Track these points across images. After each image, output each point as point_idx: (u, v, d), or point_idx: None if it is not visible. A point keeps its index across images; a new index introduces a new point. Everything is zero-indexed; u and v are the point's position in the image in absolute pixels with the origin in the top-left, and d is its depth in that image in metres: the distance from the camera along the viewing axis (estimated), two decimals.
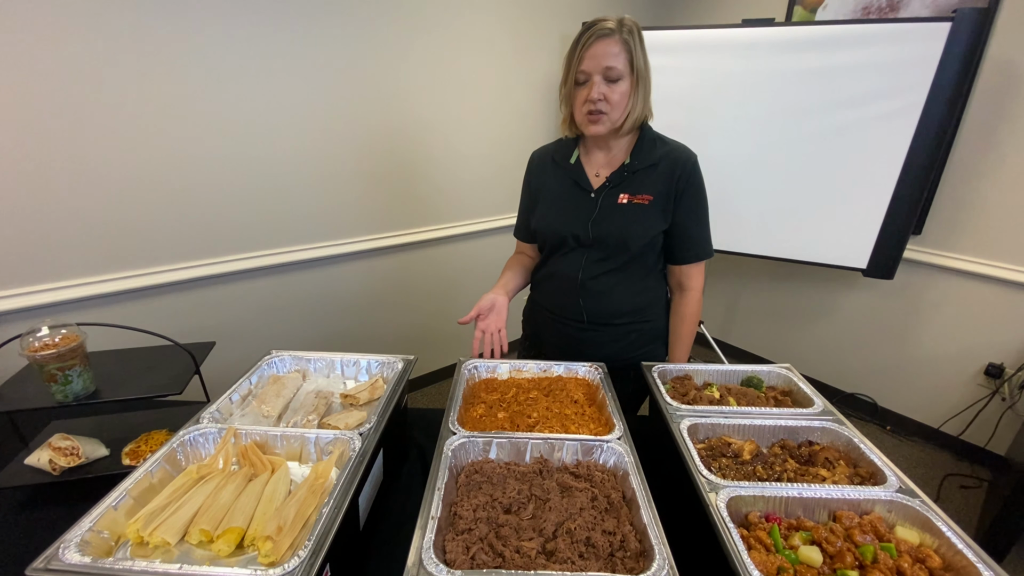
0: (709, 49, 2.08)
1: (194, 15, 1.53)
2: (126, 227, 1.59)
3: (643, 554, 0.63)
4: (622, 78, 0.98)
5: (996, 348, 2.05)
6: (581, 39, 0.97)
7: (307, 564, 0.56)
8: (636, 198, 1.07)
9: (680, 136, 1.13)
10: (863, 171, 1.98)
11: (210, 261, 1.78)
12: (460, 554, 0.61)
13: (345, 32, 1.84)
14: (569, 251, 1.14)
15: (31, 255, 1.47)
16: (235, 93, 1.67)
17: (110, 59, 1.44)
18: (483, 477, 0.76)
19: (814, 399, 0.96)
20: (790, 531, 0.68)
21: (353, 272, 2.17)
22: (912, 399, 2.35)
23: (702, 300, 1.19)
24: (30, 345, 0.88)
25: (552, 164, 1.17)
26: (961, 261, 2.07)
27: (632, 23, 0.98)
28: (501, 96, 2.39)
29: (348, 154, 1.99)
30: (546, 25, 2.42)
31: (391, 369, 1.04)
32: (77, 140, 1.45)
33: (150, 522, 0.63)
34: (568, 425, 0.89)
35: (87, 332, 0.95)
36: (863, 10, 2.18)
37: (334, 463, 0.77)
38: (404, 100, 2.07)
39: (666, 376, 1.05)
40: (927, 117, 1.81)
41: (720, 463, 0.81)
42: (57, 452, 0.87)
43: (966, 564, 0.61)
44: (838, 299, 2.49)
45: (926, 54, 1.76)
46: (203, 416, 0.84)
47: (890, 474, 0.75)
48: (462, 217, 2.47)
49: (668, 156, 1.07)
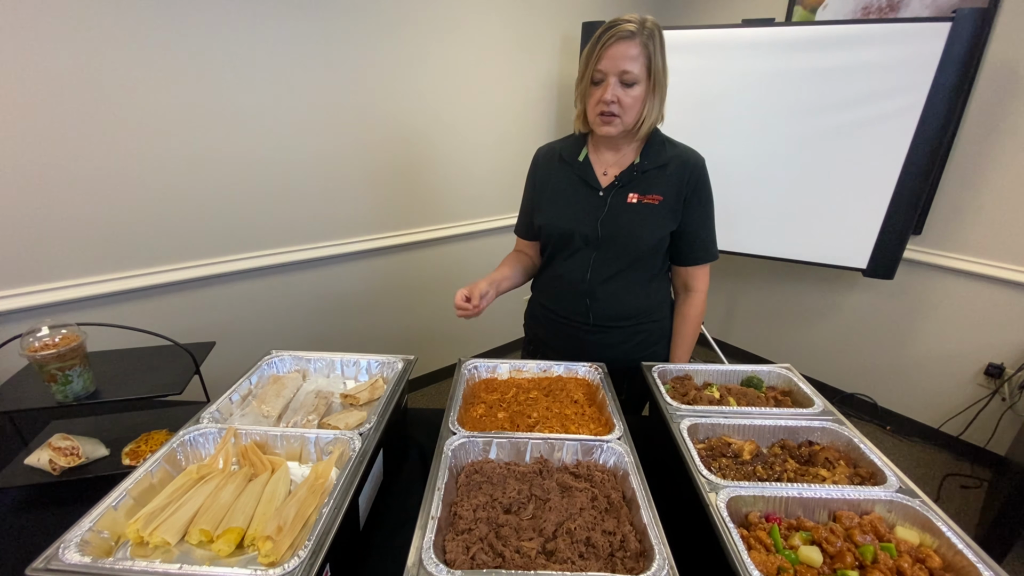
0: (709, 49, 2.08)
1: (194, 15, 1.53)
2: (126, 227, 1.59)
3: (643, 554, 0.63)
4: (638, 82, 0.97)
5: (996, 348, 2.05)
6: (601, 38, 0.95)
7: (307, 564, 0.56)
8: (646, 198, 1.07)
9: (680, 136, 1.14)
10: (863, 171, 1.98)
11: (210, 261, 1.78)
12: (460, 554, 0.61)
13: (346, 33, 1.84)
14: (575, 251, 1.13)
15: (31, 255, 1.47)
16: (236, 94, 1.67)
17: (111, 59, 1.44)
18: (483, 477, 0.76)
19: (814, 399, 0.96)
20: (790, 531, 0.68)
21: (353, 272, 2.17)
22: (912, 399, 2.35)
23: (706, 301, 1.19)
24: (30, 345, 0.88)
25: (559, 161, 1.16)
26: (961, 261, 2.07)
27: (654, 25, 0.96)
28: (501, 96, 2.39)
29: (348, 154, 1.99)
30: (547, 26, 2.43)
31: (391, 369, 1.04)
32: (77, 140, 1.45)
33: (150, 522, 0.63)
34: (568, 425, 0.89)
35: (87, 332, 0.94)
36: (863, 10, 2.18)
37: (334, 463, 0.77)
38: (404, 101, 2.07)
39: (666, 376, 1.05)
40: (927, 117, 1.81)
41: (720, 463, 0.81)
42: (57, 452, 0.86)
43: (966, 564, 0.61)
44: (838, 299, 2.49)
45: (926, 54, 1.76)
46: (203, 416, 0.84)
47: (890, 474, 0.75)
48: (462, 217, 2.47)
49: (678, 158, 1.08)
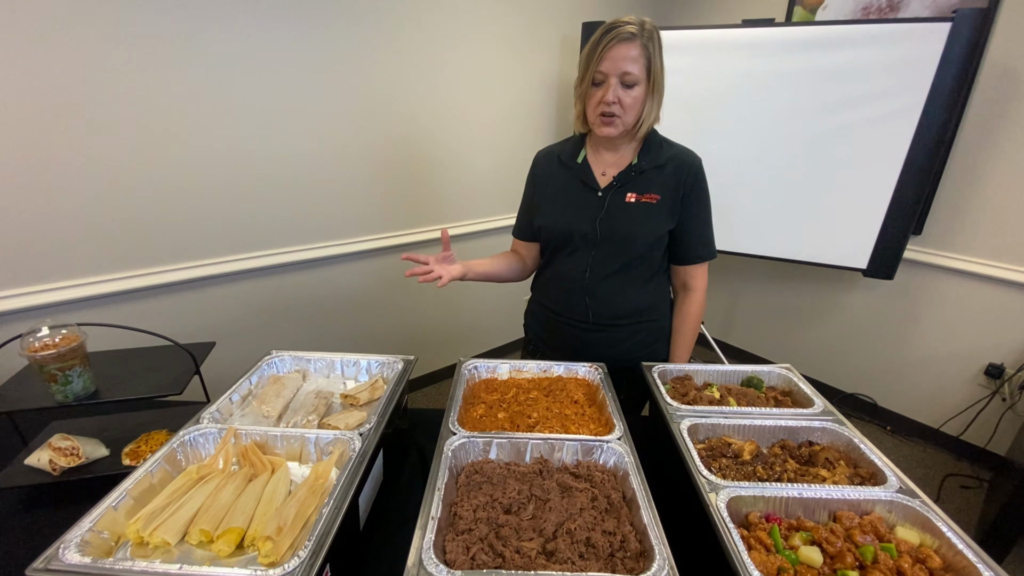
0: (709, 49, 2.08)
1: (194, 15, 1.53)
2: (126, 227, 1.59)
3: (643, 554, 0.63)
4: (638, 83, 0.98)
5: (996, 348, 2.05)
6: (602, 40, 0.96)
7: (307, 564, 0.56)
8: (644, 197, 1.08)
9: (680, 136, 1.14)
10: (863, 171, 1.98)
11: (210, 261, 1.78)
12: (460, 554, 0.61)
13: (345, 34, 1.84)
14: (574, 251, 1.14)
15: (31, 255, 1.47)
16: (236, 93, 1.67)
17: (111, 59, 1.44)
18: (483, 477, 0.76)
19: (814, 399, 0.96)
20: (790, 531, 0.68)
21: (353, 272, 2.17)
22: (912, 399, 2.35)
23: (705, 300, 1.19)
24: (30, 345, 0.88)
25: (558, 163, 1.17)
26: (961, 261, 2.07)
27: (652, 27, 0.97)
28: (501, 96, 2.39)
29: (348, 154, 1.99)
30: (547, 26, 2.43)
31: (391, 369, 1.04)
32: (77, 140, 1.45)
33: (150, 522, 0.63)
34: (568, 425, 0.89)
35: (87, 332, 0.94)
36: (863, 10, 2.18)
37: (334, 463, 0.77)
38: (404, 101, 2.07)
39: (666, 376, 1.05)
40: (927, 117, 1.81)
41: (720, 463, 0.81)
42: (57, 452, 0.86)
43: (966, 564, 0.61)
44: (838, 299, 2.49)
45: (926, 54, 1.76)
46: (203, 416, 0.84)
47: (890, 474, 0.75)
48: (462, 217, 2.47)
49: (675, 158, 1.09)
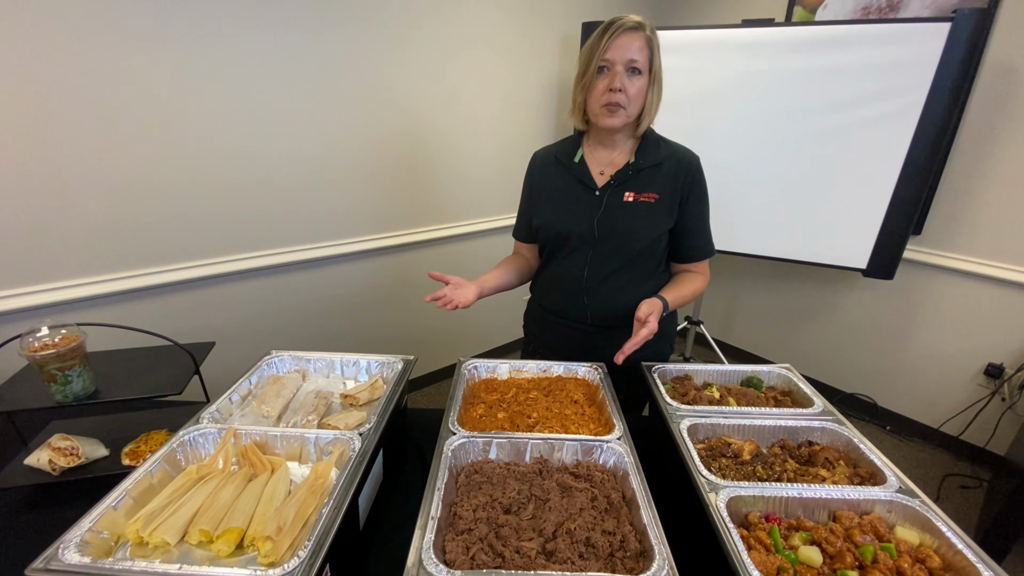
0: (709, 49, 2.08)
1: (195, 15, 1.53)
2: (126, 227, 1.59)
3: (643, 554, 0.63)
4: (643, 73, 1.00)
5: (996, 348, 2.05)
6: (608, 31, 0.98)
7: (307, 564, 0.56)
8: (642, 196, 1.08)
9: (680, 136, 1.14)
10: (863, 171, 1.98)
11: (210, 261, 1.78)
12: (460, 554, 0.61)
13: (346, 34, 1.84)
14: (573, 251, 1.14)
15: (31, 255, 1.47)
16: (236, 93, 1.67)
17: (111, 58, 1.44)
18: (483, 477, 0.76)
19: (814, 399, 0.96)
20: (790, 531, 0.68)
21: (353, 272, 2.17)
22: (912, 399, 2.35)
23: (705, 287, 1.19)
24: (30, 345, 0.88)
25: (555, 163, 1.17)
26: (961, 261, 2.07)
27: (652, 26, 1.00)
28: (501, 96, 2.39)
29: (349, 154, 1.99)
30: (547, 26, 2.43)
31: (391, 369, 1.04)
32: (77, 140, 1.45)
33: (150, 522, 0.63)
34: (568, 425, 0.89)
35: (87, 332, 0.94)
36: (863, 10, 2.18)
37: (334, 463, 0.77)
38: (405, 101, 2.07)
39: (666, 376, 1.05)
40: (927, 117, 1.81)
41: (720, 463, 0.81)
42: (57, 452, 0.87)
43: (966, 564, 0.61)
44: (838, 299, 2.49)
45: (926, 54, 1.76)
46: (203, 416, 0.84)
47: (890, 474, 0.75)
48: (462, 217, 2.47)
49: (673, 156, 1.09)
